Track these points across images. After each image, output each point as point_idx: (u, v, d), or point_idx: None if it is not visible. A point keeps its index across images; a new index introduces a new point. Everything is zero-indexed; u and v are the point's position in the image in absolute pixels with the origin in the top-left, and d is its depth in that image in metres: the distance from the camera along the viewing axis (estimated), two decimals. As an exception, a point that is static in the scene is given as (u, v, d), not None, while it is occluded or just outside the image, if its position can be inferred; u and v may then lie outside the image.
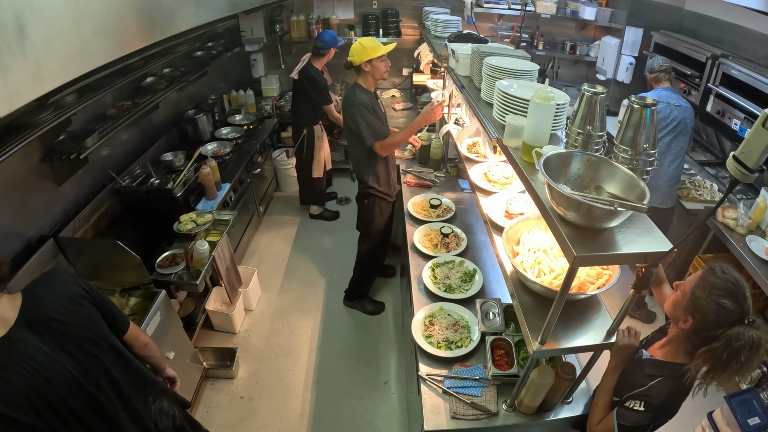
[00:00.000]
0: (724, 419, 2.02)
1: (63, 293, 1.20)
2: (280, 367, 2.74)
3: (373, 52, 2.39)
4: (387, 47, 2.45)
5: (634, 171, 1.16)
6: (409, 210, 2.66)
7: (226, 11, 2.70)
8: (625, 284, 1.22)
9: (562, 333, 1.27)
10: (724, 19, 3.15)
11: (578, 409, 1.58)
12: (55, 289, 1.20)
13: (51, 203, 2.22)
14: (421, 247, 2.36)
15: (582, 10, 4.12)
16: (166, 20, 2.02)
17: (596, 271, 1.43)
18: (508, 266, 1.49)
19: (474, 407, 1.58)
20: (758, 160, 0.85)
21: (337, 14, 4.48)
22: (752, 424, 1.89)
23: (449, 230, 2.42)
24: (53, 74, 1.33)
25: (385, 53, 2.44)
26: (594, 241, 1.06)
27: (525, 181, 1.33)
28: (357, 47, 2.41)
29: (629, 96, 1.18)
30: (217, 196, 2.88)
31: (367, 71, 2.45)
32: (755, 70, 2.61)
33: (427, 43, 3.65)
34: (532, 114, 1.34)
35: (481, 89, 1.95)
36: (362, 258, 2.94)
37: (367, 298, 3.11)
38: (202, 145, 3.33)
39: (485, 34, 3.93)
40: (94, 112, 2.46)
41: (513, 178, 2.13)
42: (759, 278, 2.28)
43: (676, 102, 2.66)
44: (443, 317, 1.94)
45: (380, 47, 2.42)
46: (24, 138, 1.66)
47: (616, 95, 3.97)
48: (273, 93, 4.49)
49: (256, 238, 3.86)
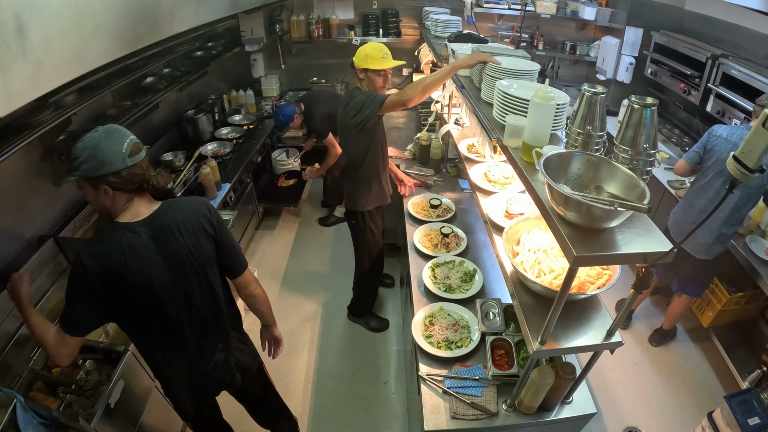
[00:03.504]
0: (724, 419, 2.02)
1: (190, 219, 1.35)
2: (280, 367, 2.74)
3: (372, 63, 2.18)
4: (387, 63, 2.21)
5: (634, 171, 1.16)
6: (409, 210, 2.66)
7: (226, 11, 2.70)
8: (626, 284, 1.22)
9: (562, 333, 1.27)
10: (724, 19, 3.15)
11: (578, 409, 1.58)
12: (185, 213, 1.35)
13: (51, 203, 2.22)
14: (421, 247, 2.36)
15: (582, 10, 4.13)
16: (166, 20, 2.02)
17: (596, 271, 1.43)
18: (508, 266, 1.49)
19: (474, 407, 1.58)
20: (758, 160, 0.85)
21: (337, 14, 4.48)
22: (752, 424, 1.89)
23: (449, 230, 2.42)
24: (53, 74, 1.33)
25: (384, 69, 2.21)
26: (594, 241, 1.06)
27: (525, 181, 1.33)
28: (360, 51, 2.22)
29: (629, 96, 1.18)
30: (217, 196, 2.88)
31: (362, 79, 2.25)
32: (755, 70, 2.61)
33: (427, 43, 3.65)
34: (532, 114, 1.34)
35: (481, 89, 1.95)
36: (360, 279, 2.86)
37: (371, 314, 3.05)
38: (202, 145, 3.33)
39: (485, 34, 3.93)
40: (94, 112, 2.46)
41: (513, 178, 2.13)
42: (759, 278, 2.29)
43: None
44: (443, 317, 1.94)
45: (380, 60, 2.19)
46: (24, 138, 1.66)
47: (616, 95, 3.97)
48: (273, 93, 4.49)
49: (256, 238, 3.86)
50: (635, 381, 2.69)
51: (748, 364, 2.47)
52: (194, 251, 1.35)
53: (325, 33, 4.46)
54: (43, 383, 1.81)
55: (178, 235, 1.31)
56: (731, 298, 2.57)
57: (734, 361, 2.51)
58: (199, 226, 1.36)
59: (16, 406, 1.47)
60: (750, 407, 1.94)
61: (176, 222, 1.31)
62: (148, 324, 1.36)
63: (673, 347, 2.92)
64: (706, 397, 2.60)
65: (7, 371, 1.75)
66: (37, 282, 1.99)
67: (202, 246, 1.37)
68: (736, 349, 2.60)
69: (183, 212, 1.34)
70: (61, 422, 1.53)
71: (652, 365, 2.80)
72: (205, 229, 1.37)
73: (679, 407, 2.55)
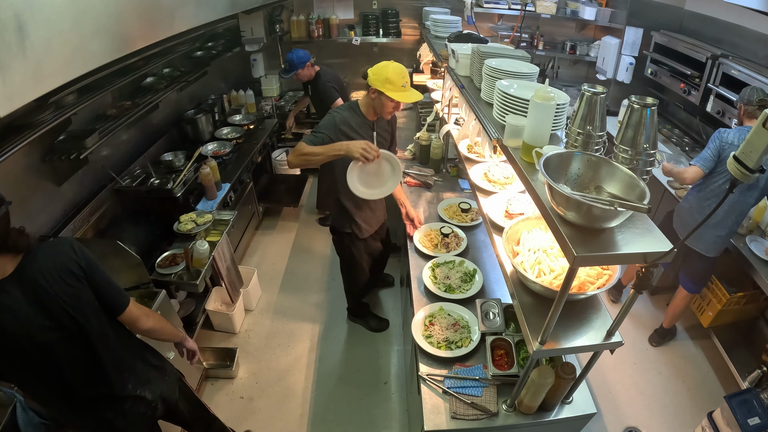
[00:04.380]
0: (724, 419, 2.02)
1: (57, 263, 1.26)
2: (280, 367, 2.74)
3: (390, 90, 1.97)
4: (406, 96, 2.01)
5: (634, 171, 1.16)
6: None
7: (226, 11, 2.70)
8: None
9: (562, 333, 1.27)
10: (724, 19, 3.15)
11: (578, 409, 1.58)
12: (51, 257, 1.26)
13: (51, 203, 2.22)
14: (421, 247, 2.36)
15: (582, 10, 4.13)
16: (166, 20, 2.02)
17: (596, 271, 1.43)
18: (508, 266, 1.49)
19: (474, 407, 1.58)
20: (758, 160, 0.85)
21: (337, 14, 4.48)
22: (752, 424, 1.89)
23: (449, 230, 2.42)
24: (53, 74, 1.33)
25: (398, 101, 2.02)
26: (594, 241, 1.06)
27: (525, 181, 1.33)
28: (380, 70, 1.98)
29: (629, 96, 1.18)
30: (217, 196, 2.88)
31: (372, 98, 2.05)
32: (755, 70, 2.62)
33: (427, 43, 3.65)
34: (532, 114, 1.34)
35: (481, 89, 1.95)
36: (346, 288, 2.86)
37: (371, 314, 3.06)
38: (202, 145, 3.33)
39: (485, 34, 3.93)
40: (94, 112, 2.46)
41: (513, 178, 2.13)
42: (759, 278, 2.29)
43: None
44: (443, 317, 1.94)
45: (399, 90, 1.98)
46: (24, 138, 1.66)
47: (616, 95, 3.98)
48: (273, 93, 4.49)
49: (256, 238, 3.86)
50: (635, 381, 2.69)
51: (748, 364, 2.47)
52: (66, 298, 1.25)
53: (325, 33, 4.46)
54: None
55: (45, 285, 1.21)
56: (731, 298, 2.57)
57: (734, 361, 2.51)
58: (65, 270, 1.26)
59: (16, 406, 1.47)
60: (750, 407, 1.94)
61: (41, 271, 1.22)
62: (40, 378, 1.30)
63: (673, 347, 2.92)
64: (706, 397, 2.60)
65: (7, 371, 1.75)
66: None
67: (75, 289, 1.27)
68: (736, 349, 2.60)
69: (46, 260, 1.24)
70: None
71: (652, 365, 2.80)
72: (72, 272, 1.27)
73: (679, 407, 2.55)
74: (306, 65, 3.28)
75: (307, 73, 3.32)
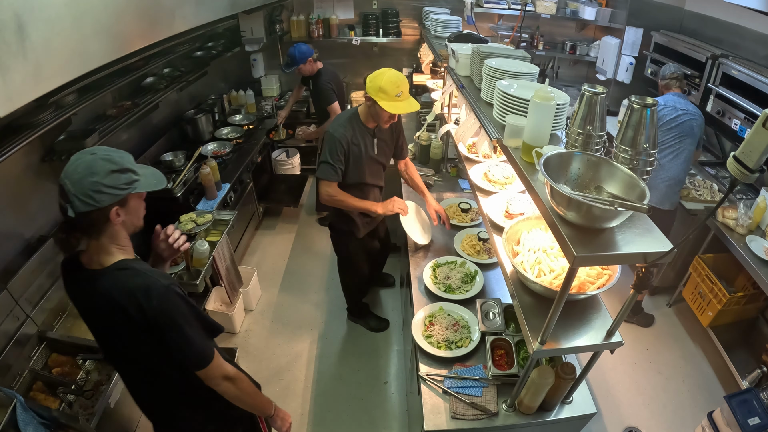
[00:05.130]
0: (724, 419, 2.02)
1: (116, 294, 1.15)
2: (280, 367, 2.74)
3: (383, 100, 1.93)
4: (398, 107, 1.95)
5: (634, 171, 1.16)
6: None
7: (226, 11, 2.70)
8: (625, 284, 1.22)
9: (562, 333, 1.27)
10: (724, 19, 3.15)
11: (578, 409, 1.58)
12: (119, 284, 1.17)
13: (51, 203, 2.21)
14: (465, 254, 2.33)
15: (582, 10, 4.13)
16: (166, 20, 2.02)
17: (596, 271, 1.43)
18: (508, 266, 1.49)
19: (474, 407, 1.58)
20: (758, 160, 0.85)
21: (337, 14, 4.47)
22: (752, 424, 1.89)
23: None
24: (53, 74, 1.33)
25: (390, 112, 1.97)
26: (594, 241, 1.06)
27: (525, 181, 1.33)
28: (375, 78, 1.95)
29: (629, 96, 1.18)
30: (217, 196, 2.88)
31: (369, 106, 2.03)
32: (755, 70, 2.61)
33: (427, 43, 3.65)
34: (532, 114, 1.34)
35: (481, 89, 1.95)
36: (344, 287, 2.87)
37: (371, 314, 3.05)
38: (202, 145, 3.33)
39: (485, 34, 3.93)
40: (94, 112, 2.45)
41: (513, 178, 2.13)
42: (759, 278, 2.29)
43: (682, 107, 2.61)
44: (443, 317, 1.94)
45: (392, 100, 1.93)
46: (24, 138, 1.66)
47: (616, 95, 3.97)
48: (273, 93, 4.49)
49: (256, 238, 3.86)
50: (635, 381, 2.69)
51: (748, 364, 2.47)
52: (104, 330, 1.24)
53: (325, 33, 4.46)
54: (43, 383, 1.81)
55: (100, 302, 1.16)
56: (731, 298, 2.56)
57: (734, 361, 2.51)
58: (118, 307, 1.13)
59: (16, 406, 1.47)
60: (750, 407, 1.94)
61: (106, 288, 1.15)
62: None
63: (673, 347, 2.92)
64: (706, 397, 2.60)
65: (7, 371, 1.76)
66: (37, 282, 1.99)
67: (120, 328, 1.17)
68: (736, 349, 2.60)
69: (116, 281, 1.15)
70: (61, 422, 1.54)
71: (652, 365, 2.80)
72: (128, 314, 1.12)
73: (679, 407, 2.55)
74: (308, 60, 3.29)
75: (309, 68, 3.33)
